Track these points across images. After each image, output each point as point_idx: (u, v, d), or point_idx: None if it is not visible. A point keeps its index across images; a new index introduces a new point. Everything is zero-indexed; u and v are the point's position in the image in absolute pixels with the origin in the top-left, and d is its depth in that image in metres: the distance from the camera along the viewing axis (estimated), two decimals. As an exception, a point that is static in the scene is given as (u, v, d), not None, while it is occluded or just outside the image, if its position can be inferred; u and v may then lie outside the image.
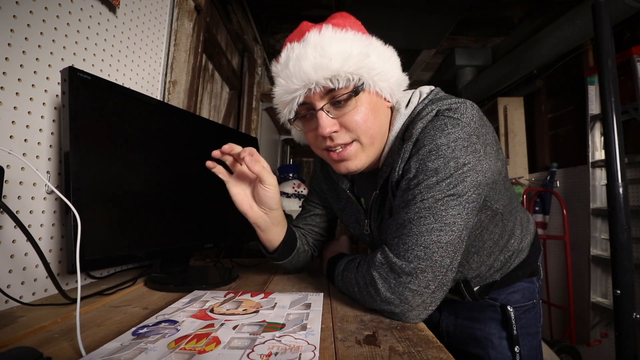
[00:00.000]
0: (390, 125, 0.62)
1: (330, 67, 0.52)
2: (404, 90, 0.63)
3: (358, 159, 0.59)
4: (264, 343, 0.39)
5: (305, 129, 0.61)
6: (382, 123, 0.60)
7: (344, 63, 0.53)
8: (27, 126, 0.59)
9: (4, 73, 0.55)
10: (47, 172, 0.63)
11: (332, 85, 0.53)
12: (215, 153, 0.60)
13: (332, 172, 0.74)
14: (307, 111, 0.58)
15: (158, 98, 1.04)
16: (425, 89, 0.63)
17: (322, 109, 0.55)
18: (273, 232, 0.70)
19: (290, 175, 2.43)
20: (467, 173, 0.50)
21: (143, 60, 0.94)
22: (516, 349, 0.66)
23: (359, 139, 0.57)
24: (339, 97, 0.55)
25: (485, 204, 0.58)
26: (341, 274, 0.62)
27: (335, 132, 0.56)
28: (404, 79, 0.62)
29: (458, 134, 0.51)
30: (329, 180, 0.79)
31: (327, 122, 0.55)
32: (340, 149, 0.58)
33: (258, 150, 1.17)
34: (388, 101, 0.61)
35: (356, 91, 0.55)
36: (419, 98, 0.61)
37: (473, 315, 0.72)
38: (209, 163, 0.61)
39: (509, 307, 0.67)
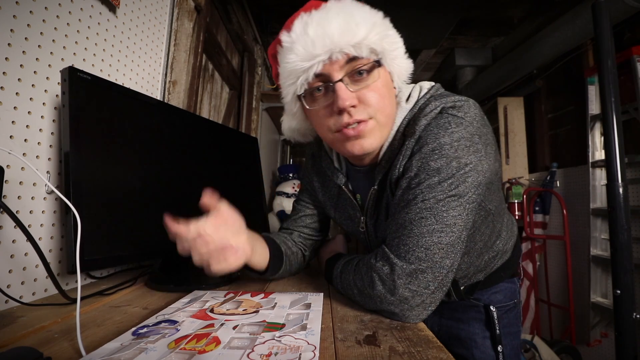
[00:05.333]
0: None
1: (356, 33, 0.50)
2: (406, 83, 0.62)
3: (374, 137, 0.56)
4: (264, 343, 0.39)
5: (314, 107, 0.57)
6: (393, 105, 0.58)
7: (370, 30, 0.51)
8: (27, 126, 0.59)
9: (4, 73, 0.55)
10: (47, 172, 0.63)
11: (355, 53, 0.51)
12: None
13: (326, 167, 0.72)
14: (322, 83, 0.54)
15: (158, 98, 1.04)
16: (426, 84, 0.62)
17: (341, 80, 0.52)
18: (258, 250, 0.62)
19: (290, 175, 2.43)
20: (469, 173, 0.50)
21: (143, 60, 0.94)
22: (499, 348, 0.67)
23: (376, 117, 0.54)
24: (361, 67, 0.52)
25: (480, 204, 0.58)
26: (339, 276, 0.62)
27: (353, 106, 0.53)
28: (410, 65, 0.60)
29: (461, 133, 0.51)
30: (322, 177, 0.77)
31: (346, 94, 0.52)
32: (356, 124, 0.54)
33: (258, 150, 1.17)
34: (394, 87, 0.59)
35: (379, 62, 0.53)
36: (420, 93, 0.60)
37: (457, 315, 0.73)
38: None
39: (492, 307, 0.68)
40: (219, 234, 0.50)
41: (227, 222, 0.52)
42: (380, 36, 0.52)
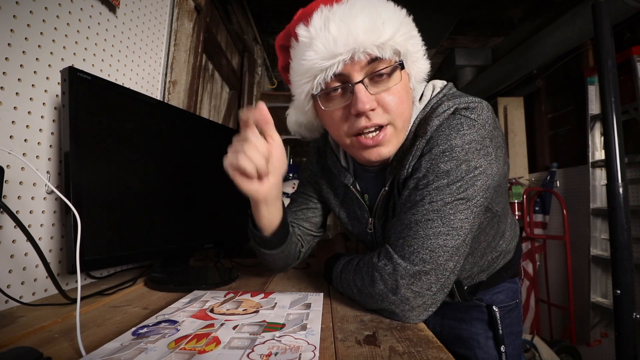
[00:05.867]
0: None
1: (382, 33, 0.47)
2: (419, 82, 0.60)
3: (391, 144, 0.54)
4: (264, 343, 0.39)
5: (330, 108, 0.54)
6: (411, 109, 0.57)
7: (396, 31, 0.48)
8: (27, 126, 0.59)
9: (4, 73, 0.55)
10: (47, 172, 0.63)
11: (378, 54, 0.48)
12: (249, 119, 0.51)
13: (332, 165, 0.70)
14: (340, 84, 0.52)
15: (158, 98, 1.04)
16: (439, 83, 0.61)
17: (361, 82, 0.50)
18: (276, 206, 0.60)
19: (290, 175, 2.43)
20: (478, 177, 0.50)
21: (143, 60, 0.94)
22: (502, 348, 0.67)
23: (394, 122, 0.53)
24: (382, 69, 0.50)
25: (487, 206, 0.57)
26: (339, 275, 0.62)
27: (372, 110, 0.51)
28: (428, 66, 0.58)
29: (473, 135, 0.50)
30: (327, 175, 0.74)
31: (366, 97, 0.49)
32: (375, 133, 0.53)
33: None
34: (410, 87, 0.57)
35: (402, 65, 0.51)
36: (432, 92, 0.59)
37: (459, 316, 0.73)
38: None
39: (494, 307, 0.67)
40: (259, 154, 0.50)
41: (273, 155, 0.53)
42: (406, 37, 0.50)
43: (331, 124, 0.57)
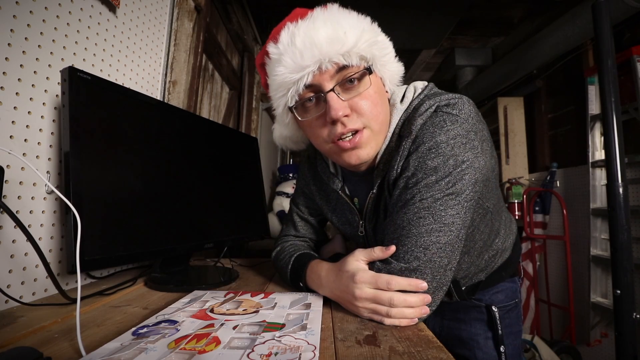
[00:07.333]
0: None
1: (345, 42, 0.50)
2: (398, 85, 0.62)
3: (369, 146, 0.56)
4: (264, 343, 0.39)
5: (307, 118, 0.56)
6: (387, 111, 0.58)
7: (359, 38, 0.50)
8: (27, 126, 0.59)
9: (4, 73, 0.55)
10: (47, 172, 0.63)
11: (345, 62, 0.51)
12: None
13: (321, 172, 0.71)
14: (313, 94, 0.54)
15: (158, 98, 1.04)
16: (419, 84, 0.62)
17: (332, 90, 0.52)
18: None
19: (290, 175, 2.43)
20: (466, 170, 0.50)
21: (143, 60, 0.94)
22: (501, 348, 0.67)
23: (370, 125, 0.54)
24: (351, 76, 0.52)
25: (478, 202, 0.58)
26: None
27: (346, 116, 0.52)
28: (401, 69, 0.60)
29: (457, 130, 0.51)
30: (319, 182, 0.76)
31: (339, 104, 0.51)
32: (351, 136, 0.54)
33: (258, 150, 1.17)
34: (386, 91, 0.60)
35: (370, 70, 0.53)
36: (414, 93, 0.60)
37: (458, 316, 0.73)
38: None
39: (493, 307, 0.68)
40: None
41: None
42: (370, 43, 0.52)
43: (311, 133, 0.59)
